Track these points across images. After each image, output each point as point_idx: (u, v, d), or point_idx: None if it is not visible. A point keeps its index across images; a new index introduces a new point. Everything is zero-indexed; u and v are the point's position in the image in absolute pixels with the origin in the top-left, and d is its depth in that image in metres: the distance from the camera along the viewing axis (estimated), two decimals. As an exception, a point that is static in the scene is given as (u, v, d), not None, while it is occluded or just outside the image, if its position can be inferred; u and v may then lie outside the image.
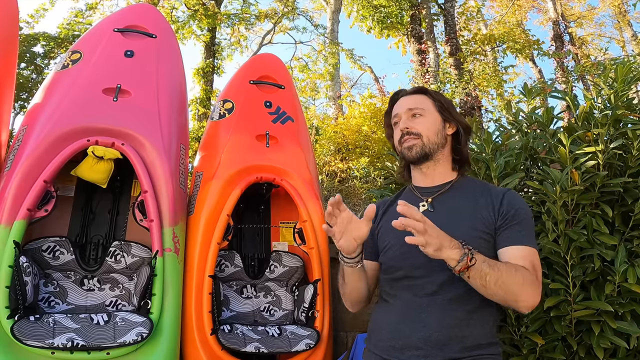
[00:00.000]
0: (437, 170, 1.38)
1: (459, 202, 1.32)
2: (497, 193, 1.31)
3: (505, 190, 1.33)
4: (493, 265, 1.12)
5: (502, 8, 13.58)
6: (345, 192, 5.31)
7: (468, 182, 1.40)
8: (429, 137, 1.35)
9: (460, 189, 1.36)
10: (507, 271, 1.12)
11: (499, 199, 1.28)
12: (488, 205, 1.28)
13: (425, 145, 1.35)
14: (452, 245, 1.08)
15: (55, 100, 2.10)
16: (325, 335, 2.18)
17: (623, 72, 1.77)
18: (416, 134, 1.36)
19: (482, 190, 1.34)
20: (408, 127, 1.37)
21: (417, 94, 1.43)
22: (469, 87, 7.72)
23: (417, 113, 1.38)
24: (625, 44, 14.65)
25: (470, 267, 1.08)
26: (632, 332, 1.54)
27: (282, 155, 2.46)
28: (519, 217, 1.25)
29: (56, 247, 2.09)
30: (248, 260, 2.55)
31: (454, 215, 1.29)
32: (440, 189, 1.36)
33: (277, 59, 2.88)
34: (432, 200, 1.35)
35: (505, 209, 1.26)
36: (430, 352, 1.17)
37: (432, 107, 1.39)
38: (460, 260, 1.08)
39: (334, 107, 9.51)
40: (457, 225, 1.26)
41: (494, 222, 1.25)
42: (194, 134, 6.90)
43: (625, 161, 1.71)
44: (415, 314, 1.23)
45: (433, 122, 1.37)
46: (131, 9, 2.65)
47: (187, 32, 8.74)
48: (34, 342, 1.65)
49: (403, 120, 1.39)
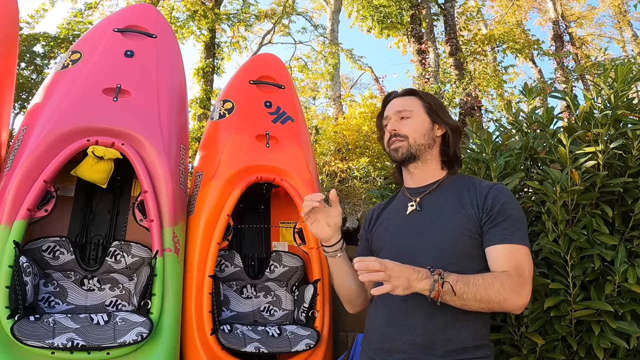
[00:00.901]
0: (425, 170, 1.40)
1: (445, 200, 1.32)
2: (482, 188, 1.29)
3: (492, 184, 1.31)
4: (467, 282, 1.11)
5: (502, 8, 13.58)
6: (345, 192, 5.30)
7: (457, 179, 1.40)
8: (415, 138, 1.37)
9: (447, 187, 1.36)
10: (484, 283, 1.12)
11: (484, 195, 1.27)
12: (473, 202, 1.27)
13: (411, 146, 1.36)
14: (419, 277, 1.08)
15: (55, 100, 2.10)
16: (325, 335, 2.18)
17: (623, 72, 1.76)
18: (403, 136, 1.37)
19: (469, 186, 1.32)
20: (395, 129, 1.39)
21: (407, 96, 1.44)
22: (469, 87, 7.72)
23: (405, 115, 1.39)
24: (625, 44, 14.65)
25: (444, 292, 1.08)
26: (632, 332, 1.54)
27: (282, 155, 2.46)
28: (504, 213, 1.22)
29: (56, 247, 2.09)
30: (248, 260, 2.55)
31: (439, 213, 1.30)
32: (427, 189, 1.38)
33: (277, 59, 2.88)
34: (420, 199, 1.36)
35: (490, 205, 1.24)
36: (415, 355, 1.18)
37: (420, 109, 1.40)
38: (432, 289, 1.07)
39: (334, 107, 9.51)
40: (441, 224, 1.27)
41: (479, 219, 1.24)
42: (194, 134, 6.90)
43: (625, 161, 1.71)
44: (402, 317, 1.23)
45: (421, 124, 1.38)
46: (131, 9, 2.65)
47: (187, 32, 8.74)
48: (34, 342, 1.65)
49: (391, 122, 1.41)
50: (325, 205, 1.33)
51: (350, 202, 4.78)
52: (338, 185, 5.50)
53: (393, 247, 1.34)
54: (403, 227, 1.36)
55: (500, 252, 1.19)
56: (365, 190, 4.98)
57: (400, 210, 1.40)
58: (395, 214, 1.41)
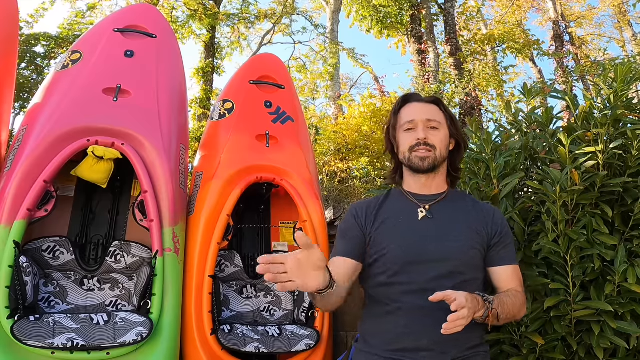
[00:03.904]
0: (436, 180, 1.42)
1: (455, 212, 1.39)
2: (486, 210, 1.42)
3: (493, 207, 1.46)
4: (503, 304, 1.24)
5: (502, 8, 13.58)
6: (345, 192, 5.31)
7: (458, 194, 1.48)
8: (441, 150, 1.39)
9: (453, 200, 1.43)
10: (511, 304, 1.27)
11: (491, 216, 1.39)
12: (480, 220, 1.37)
13: (437, 158, 1.38)
14: (479, 307, 1.17)
15: (55, 100, 2.10)
16: (325, 335, 2.18)
17: (623, 72, 1.76)
18: (431, 146, 1.37)
19: (473, 205, 1.43)
20: (427, 138, 1.38)
21: (433, 104, 1.44)
22: (469, 87, 7.72)
23: (434, 126, 1.39)
24: (625, 44, 14.64)
25: (492, 317, 1.21)
26: (632, 332, 1.54)
27: (282, 155, 2.45)
28: (509, 237, 1.39)
29: (56, 247, 2.09)
30: (248, 260, 2.55)
31: (454, 224, 1.36)
32: (436, 198, 1.41)
33: (277, 59, 2.88)
34: (429, 207, 1.38)
35: (500, 229, 1.37)
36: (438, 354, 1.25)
37: (444, 121, 1.42)
38: (484, 317, 1.19)
39: (334, 107, 9.51)
40: (458, 234, 1.33)
41: (488, 237, 1.35)
42: (194, 134, 6.90)
43: (625, 161, 1.71)
44: (421, 318, 1.26)
45: (445, 137, 1.41)
46: (131, 9, 2.65)
47: (187, 32, 8.74)
48: (34, 342, 1.65)
49: (422, 129, 1.38)
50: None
51: (350, 202, 4.78)
52: (338, 185, 5.50)
53: (404, 249, 1.33)
54: (416, 231, 1.35)
55: (510, 271, 1.36)
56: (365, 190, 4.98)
57: (409, 213, 1.39)
58: (403, 216, 1.40)
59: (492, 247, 1.35)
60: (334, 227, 3.07)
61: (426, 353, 1.25)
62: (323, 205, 2.47)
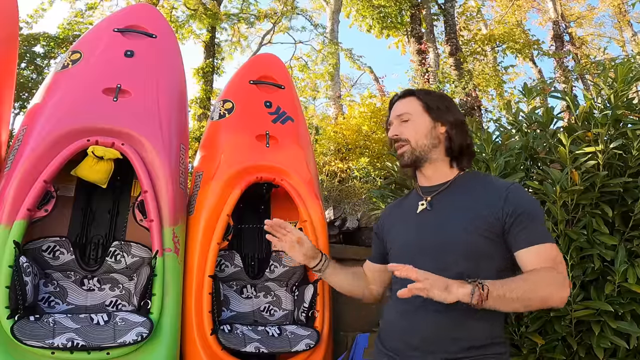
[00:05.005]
0: (434, 170, 1.38)
1: (458, 200, 1.31)
2: (500, 189, 1.28)
3: (508, 185, 1.29)
4: (507, 285, 1.09)
5: (502, 8, 13.58)
6: (345, 192, 5.30)
7: (470, 177, 1.38)
8: (417, 140, 1.35)
9: (461, 185, 1.35)
10: (530, 281, 1.10)
11: (503, 197, 1.24)
12: (491, 203, 1.25)
13: (414, 149, 1.35)
14: (458, 283, 1.05)
15: (55, 101, 2.10)
16: (325, 335, 2.18)
17: (623, 72, 1.77)
18: (404, 140, 1.36)
19: (485, 186, 1.31)
20: (397, 134, 1.38)
21: (406, 97, 1.43)
22: (468, 87, 7.72)
23: (404, 119, 1.38)
24: (625, 44, 14.65)
25: (488, 297, 1.05)
26: (632, 332, 1.54)
27: (282, 155, 2.45)
28: (530, 215, 1.22)
29: (56, 247, 2.09)
30: (248, 260, 2.55)
31: (452, 213, 1.29)
32: (439, 188, 1.36)
33: (277, 59, 2.87)
34: (430, 199, 1.35)
35: (513, 209, 1.22)
36: (426, 353, 1.20)
37: (419, 109, 1.38)
38: (473, 292, 1.04)
39: (334, 107, 9.51)
40: (454, 224, 1.26)
41: (500, 220, 1.22)
42: (194, 134, 6.90)
43: (625, 161, 1.71)
44: (413, 314, 1.24)
45: (421, 125, 1.36)
46: (131, 9, 2.65)
47: (187, 32, 8.74)
48: (33, 342, 1.65)
49: (393, 127, 1.40)
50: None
51: (350, 202, 4.78)
52: (338, 185, 5.50)
53: (403, 246, 1.35)
54: (411, 226, 1.36)
55: (533, 253, 1.19)
56: (365, 190, 4.98)
57: (411, 208, 1.40)
58: (406, 212, 1.42)
59: (509, 229, 1.22)
60: (334, 227, 3.08)
61: (416, 352, 1.22)
62: (323, 205, 2.47)
